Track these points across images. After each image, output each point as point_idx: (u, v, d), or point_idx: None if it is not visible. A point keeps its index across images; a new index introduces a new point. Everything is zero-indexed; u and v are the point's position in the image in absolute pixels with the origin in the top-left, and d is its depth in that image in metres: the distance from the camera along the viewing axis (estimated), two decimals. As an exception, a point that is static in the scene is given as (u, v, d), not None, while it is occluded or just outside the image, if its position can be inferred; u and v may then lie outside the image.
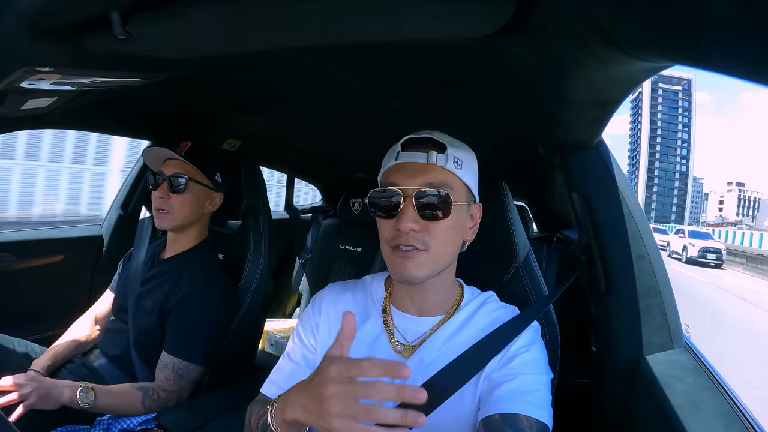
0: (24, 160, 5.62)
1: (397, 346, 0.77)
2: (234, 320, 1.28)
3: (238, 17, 0.60)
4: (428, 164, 0.70)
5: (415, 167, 0.71)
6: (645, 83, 28.70)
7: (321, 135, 1.63)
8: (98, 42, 0.64)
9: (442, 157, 0.70)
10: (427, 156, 0.70)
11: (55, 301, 1.58)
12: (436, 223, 0.70)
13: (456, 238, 0.74)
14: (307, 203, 3.14)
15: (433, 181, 0.70)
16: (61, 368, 1.18)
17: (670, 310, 0.84)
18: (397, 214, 0.70)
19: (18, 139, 5.49)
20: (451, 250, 0.74)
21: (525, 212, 2.44)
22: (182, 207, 1.19)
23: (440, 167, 0.70)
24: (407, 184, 0.70)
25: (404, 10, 0.55)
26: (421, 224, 0.69)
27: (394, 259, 0.71)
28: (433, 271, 0.72)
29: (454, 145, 0.74)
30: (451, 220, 0.70)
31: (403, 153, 0.72)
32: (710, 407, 0.69)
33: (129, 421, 1.03)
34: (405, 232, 0.69)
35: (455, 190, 0.71)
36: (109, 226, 1.73)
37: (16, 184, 5.62)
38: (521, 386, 0.67)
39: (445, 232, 0.71)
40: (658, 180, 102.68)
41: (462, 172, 0.72)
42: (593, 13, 0.44)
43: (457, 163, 0.72)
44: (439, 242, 0.70)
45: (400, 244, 0.70)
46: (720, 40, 0.34)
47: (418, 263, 0.70)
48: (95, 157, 6.21)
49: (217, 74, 1.02)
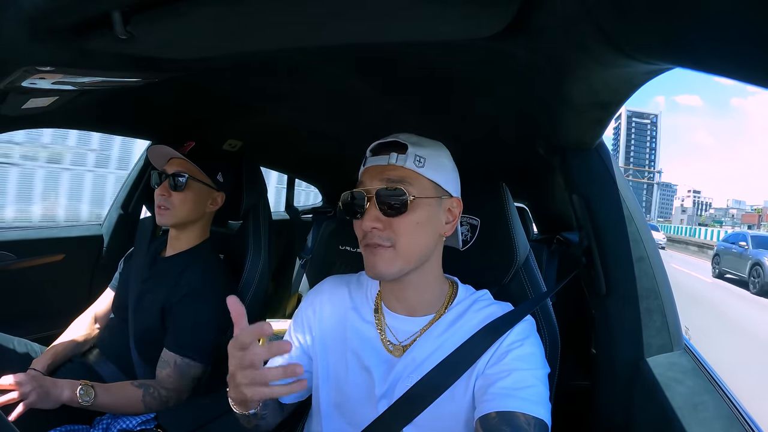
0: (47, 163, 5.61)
1: (389, 345, 0.78)
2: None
3: (238, 18, 0.60)
4: (388, 165, 0.73)
5: (377, 169, 0.74)
6: (623, 117, 35.33)
7: (321, 136, 1.63)
8: (99, 42, 0.64)
9: (402, 157, 0.73)
10: (388, 158, 0.73)
11: (54, 301, 1.58)
12: (398, 219, 0.72)
13: (426, 233, 0.75)
14: (308, 204, 3.14)
15: (391, 178, 0.72)
16: (61, 367, 1.18)
17: (669, 312, 0.84)
18: (364, 214, 0.73)
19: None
20: (421, 245, 0.75)
21: (525, 214, 2.45)
22: (183, 204, 1.19)
23: (399, 166, 0.73)
24: (370, 185, 0.74)
25: (405, 12, 0.55)
26: (384, 221, 0.72)
27: (365, 256, 0.74)
28: (404, 267, 0.73)
29: (419, 144, 0.76)
30: (414, 215, 0.72)
31: (370, 158, 0.76)
32: (710, 410, 0.69)
33: (128, 421, 1.03)
34: (368, 231, 0.72)
35: (416, 186, 0.73)
36: (109, 225, 1.73)
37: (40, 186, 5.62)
38: (516, 382, 0.67)
39: (409, 227, 0.72)
40: (633, 188, 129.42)
41: (425, 169, 0.74)
42: (594, 15, 0.44)
43: (418, 161, 0.74)
44: (405, 237, 0.72)
45: (369, 243, 0.73)
46: (720, 44, 0.34)
47: (386, 259, 0.72)
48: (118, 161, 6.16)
49: (218, 75, 1.02)
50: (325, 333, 0.83)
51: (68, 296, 1.60)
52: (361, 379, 0.77)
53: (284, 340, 0.58)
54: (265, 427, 0.81)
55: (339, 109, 1.25)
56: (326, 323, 0.84)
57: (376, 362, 0.76)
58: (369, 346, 0.78)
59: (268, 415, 0.78)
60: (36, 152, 5.19)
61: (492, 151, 1.31)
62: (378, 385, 0.74)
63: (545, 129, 0.94)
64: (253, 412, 0.71)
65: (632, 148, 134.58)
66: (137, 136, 1.61)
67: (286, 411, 0.88)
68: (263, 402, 0.73)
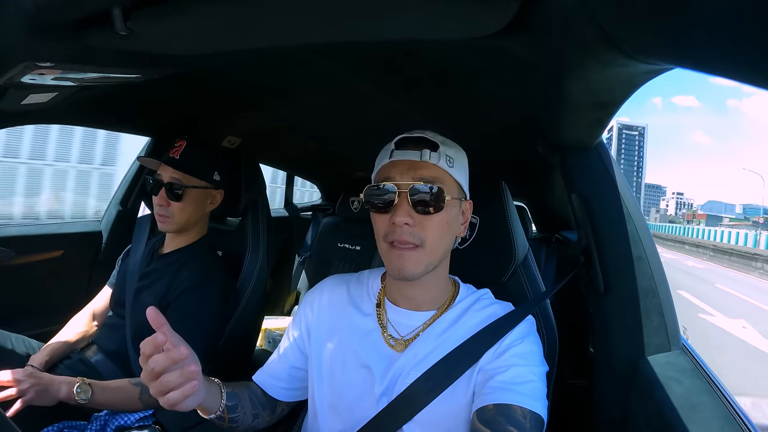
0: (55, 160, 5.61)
1: (390, 340, 0.78)
2: (232, 317, 1.28)
3: (238, 14, 0.60)
4: (421, 161, 0.72)
5: (408, 164, 0.73)
6: (614, 129, 35.10)
7: (321, 133, 1.63)
8: (99, 38, 0.64)
9: (434, 155, 0.72)
10: (420, 154, 0.72)
11: (53, 297, 1.58)
12: (429, 218, 0.71)
13: (449, 233, 0.76)
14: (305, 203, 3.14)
15: (427, 176, 0.72)
16: (59, 364, 1.18)
17: (667, 312, 0.84)
18: (392, 209, 0.72)
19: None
20: (445, 245, 0.76)
21: (524, 213, 2.45)
22: (182, 212, 1.20)
23: (433, 164, 0.72)
24: (401, 180, 0.72)
25: (406, 9, 0.55)
26: (415, 218, 0.71)
27: (391, 255, 0.73)
28: (429, 266, 0.73)
29: (446, 144, 0.76)
30: (443, 215, 0.72)
31: (396, 151, 0.75)
32: (708, 410, 0.69)
33: (126, 418, 1.03)
34: (399, 226, 0.71)
35: (447, 186, 0.73)
36: (108, 221, 1.73)
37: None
38: (514, 377, 0.68)
39: (438, 227, 0.72)
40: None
41: (453, 170, 0.74)
42: (595, 14, 0.44)
43: (449, 161, 0.74)
44: (433, 237, 0.72)
45: (396, 240, 0.71)
46: (720, 44, 0.34)
47: (414, 260, 0.71)
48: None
49: (217, 71, 1.02)
50: (322, 332, 0.83)
51: (66, 293, 1.60)
52: (358, 378, 0.76)
53: (181, 347, 0.59)
54: (245, 428, 0.80)
55: (339, 107, 1.25)
56: (324, 322, 0.84)
57: (376, 358, 0.76)
58: (369, 342, 0.78)
59: (239, 418, 0.77)
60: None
61: (492, 150, 1.31)
62: (378, 382, 0.74)
63: (545, 128, 0.94)
64: (213, 416, 0.72)
65: (623, 156, 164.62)
66: (137, 132, 1.60)
67: (280, 410, 0.88)
68: (228, 405, 0.73)
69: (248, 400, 0.80)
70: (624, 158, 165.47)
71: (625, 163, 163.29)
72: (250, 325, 1.40)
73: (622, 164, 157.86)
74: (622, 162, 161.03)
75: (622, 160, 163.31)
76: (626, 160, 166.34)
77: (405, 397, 0.70)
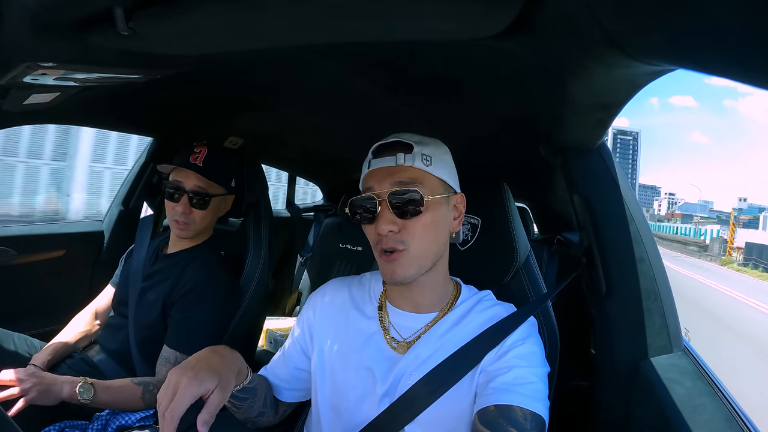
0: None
1: (392, 342, 0.78)
2: (234, 317, 1.28)
3: (241, 14, 0.60)
4: (396, 166, 0.73)
5: (385, 171, 0.73)
6: (610, 134, 32.69)
7: (323, 133, 1.63)
8: (101, 38, 0.64)
9: (409, 157, 0.73)
10: (395, 158, 0.72)
11: (55, 297, 1.58)
12: (413, 221, 0.72)
13: (437, 233, 0.75)
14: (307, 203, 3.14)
15: (403, 179, 0.72)
16: (61, 363, 1.18)
17: (669, 314, 0.84)
18: (376, 218, 0.72)
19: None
20: (435, 245, 0.75)
21: (526, 214, 2.44)
22: (203, 219, 1.21)
23: (408, 167, 0.73)
24: (380, 188, 0.73)
25: (407, 10, 0.55)
26: (398, 224, 0.71)
27: (381, 263, 0.74)
28: (421, 268, 0.73)
29: (422, 143, 0.75)
30: (428, 216, 0.72)
31: (374, 160, 0.75)
32: (709, 412, 0.69)
33: (127, 417, 1.03)
34: (384, 235, 0.71)
35: (427, 185, 0.73)
36: (110, 221, 1.73)
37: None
38: (515, 378, 0.68)
39: (424, 228, 0.72)
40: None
41: (432, 168, 0.74)
42: (598, 15, 0.44)
43: (425, 160, 0.74)
44: (419, 239, 0.72)
45: (383, 248, 0.72)
46: (722, 45, 0.33)
47: (403, 264, 0.72)
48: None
49: (219, 71, 1.02)
50: (324, 334, 0.83)
51: (68, 292, 1.60)
52: (360, 379, 0.76)
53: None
54: (244, 418, 0.81)
55: (341, 107, 1.25)
56: (326, 325, 0.84)
57: (378, 360, 0.76)
58: (371, 344, 0.78)
59: (243, 407, 0.77)
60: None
61: (494, 151, 1.31)
62: (380, 383, 0.74)
63: (547, 129, 0.94)
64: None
65: (617, 160, 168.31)
66: (138, 132, 1.61)
67: (282, 411, 0.88)
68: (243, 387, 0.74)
69: (262, 398, 0.81)
70: (619, 162, 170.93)
71: (620, 166, 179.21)
72: (251, 326, 1.40)
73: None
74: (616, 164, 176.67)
75: (617, 163, 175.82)
76: (621, 164, 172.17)
77: (407, 398, 0.70)
